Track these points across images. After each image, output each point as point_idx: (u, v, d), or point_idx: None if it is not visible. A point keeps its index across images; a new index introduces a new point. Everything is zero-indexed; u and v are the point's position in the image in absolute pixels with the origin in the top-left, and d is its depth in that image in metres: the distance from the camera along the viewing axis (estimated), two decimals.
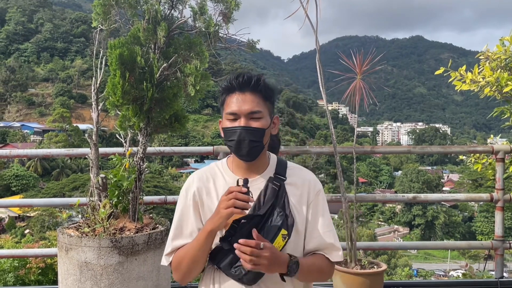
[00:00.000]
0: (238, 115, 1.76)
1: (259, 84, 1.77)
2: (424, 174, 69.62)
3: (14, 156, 4.34)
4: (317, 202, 1.85)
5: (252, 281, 1.73)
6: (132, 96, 3.68)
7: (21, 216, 44.76)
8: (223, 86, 1.82)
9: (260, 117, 1.76)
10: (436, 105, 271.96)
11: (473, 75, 3.91)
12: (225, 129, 1.79)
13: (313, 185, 1.86)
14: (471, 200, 5.12)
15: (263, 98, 1.79)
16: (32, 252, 5.30)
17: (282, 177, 1.82)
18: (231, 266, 1.74)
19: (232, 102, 1.77)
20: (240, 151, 1.76)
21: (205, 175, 1.89)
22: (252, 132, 1.74)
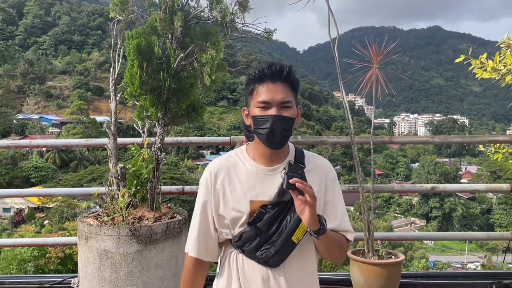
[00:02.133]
0: (270, 104, 1.79)
1: (291, 75, 1.82)
2: (442, 166, 68.91)
3: (35, 146, 4.41)
4: (334, 187, 1.91)
5: (277, 263, 1.80)
6: (150, 86, 3.70)
7: (40, 207, 45.45)
8: (254, 74, 1.84)
9: (290, 107, 1.81)
10: (454, 96, 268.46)
11: (494, 63, 3.85)
12: (256, 117, 1.81)
13: (330, 172, 1.93)
14: (491, 191, 5.07)
15: (292, 89, 1.83)
16: (52, 240, 5.39)
17: (301, 165, 1.85)
18: (256, 250, 1.81)
19: (264, 91, 1.80)
20: (272, 139, 1.79)
21: (224, 162, 1.92)
22: (284, 121, 1.78)
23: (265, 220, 1.79)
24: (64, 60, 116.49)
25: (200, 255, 1.94)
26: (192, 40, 3.82)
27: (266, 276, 1.81)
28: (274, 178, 1.84)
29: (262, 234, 1.80)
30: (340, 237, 1.89)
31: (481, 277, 4.62)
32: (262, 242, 1.80)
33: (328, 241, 1.80)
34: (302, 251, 1.85)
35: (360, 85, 4.42)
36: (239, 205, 1.83)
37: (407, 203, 64.75)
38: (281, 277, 1.81)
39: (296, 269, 1.84)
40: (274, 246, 1.79)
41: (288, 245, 1.79)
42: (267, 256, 1.79)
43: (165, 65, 3.71)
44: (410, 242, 37.45)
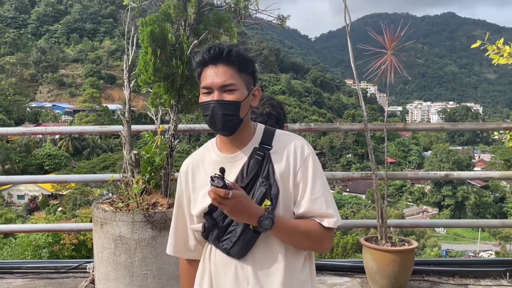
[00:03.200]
0: (211, 88, 1.71)
1: (231, 55, 1.71)
2: (455, 154, 68.33)
3: (50, 133, 4.45)
4: (306, 167, 1.74)
5: (239, 254, 1.71)
6: (164, 73, 3.71)
7: (54, 194, 45.98)
8: (197, 60, 1.77)
9: (234, 89, 1.71)
10: (468, 83, 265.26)
11: (511, 48, 3.79)
12: (200, 104, 1.76)
13: (300, 151, 1.76)
14: (506, 178, 5.03)
15: (238, 70, 1.72)
16: (67, 226, 5.47)
17: (267, 146, 1.77)
18: (218, 241, 1.74)
19: (206, 76, 1.72)
20: (215, 125, 1.73)
21: (196, 158, 1.89)
22: (225, 106, 1.70)
23: (219, 209, 1.69)
24: (76, 48, 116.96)
25: (178, 253, 1.93)
26: (205, 26, 3.81)
27: (235, 268, 1.73)
28: (236, 165, 1.76)
29: (219, 224, 1.72)
30: (310, 225, 1.72)
31: (494, 264, 4.61)
32: (221, 232, 1.72)
33: (284, 233, 1.68)
34: (269, 241, 1.72)
35: (373, 72, 4.39)
36: (203, 198, 1.78)
37: (420, 192, 64.39)
38: (249, 267, 1.72)
39: (264, 259, 1.73)
40: (233, 237, 1.70)
41: (246, 234, 1.68)
42: (227, 247, 1.71)
43: (178, 52, 3.71)
44: (422, 231, 37.33)
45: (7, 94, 79.44)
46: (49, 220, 13.22)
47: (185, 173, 1.88)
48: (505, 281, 4.24)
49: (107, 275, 3.64)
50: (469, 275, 4.37)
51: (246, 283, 1.72)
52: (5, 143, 55.62)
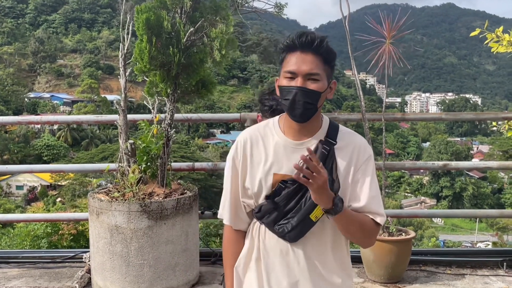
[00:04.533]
0: (296, 74, 1.73)
1: (322, 46, 1.74)
2: (453, 145, 68.36)
3: (45, 122, 4.42)
4: (366, 168, 1.81)
5: (294, 239, 1.77)
6: (159, 61, 3.67)
7: (53, 185, 45.96)
8: (285, 43, 1.79)
9: (318, 80, 1.74)
10: (467, 74, 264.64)
11: (510, 37, 3.76)
12: (281, 87, 1.77)
13: (363, 151, 1.82)
14: (505, 168, 5.02)
15: (323, 61, 1.75)
16: (65, 216, 5.45)
17: (332, 141, 1.80)
18: (274, 224, 1.79)
19: (292, 61, 1.74)
20: (294, 111, 1.74)
21: (256, 132, 1.88)
22: (307, 94, 1.72)
23: (283, 195, 1.77)
24: (74, 39, 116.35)
25: (232, 222, 1.93)
26: (201, 14, 3.77)
27: (286, 249, 1.80)
28: (300, 153, 1.74)
29: (280, 209, 1.78)
30: (365, 218, 1.79)
31: (491, 254, 4.61)
32: (279, 217, 1.78)
33: (346, 221, 1.73)
34: (323, 229, 1.79)
35: (372, 62, 4.35)
36: (263, 177, 1.80)
37: (418, 183, 64.49)
38: (300, 251, 1.79)
39: (316, 245, 1.80)
40: (291, 223, 1.76)
41: (305, 223, 1.75)
42: (283, 231, 1.77)
43: (174, 40, 3.67)
44: (420, 222, 37.45)
45: (5, 84, 79.20)
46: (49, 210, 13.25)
47: (243, 144, 1.88)
48: (502, 271, 4.24)
49: (103, 264, 3.63)
50: (466, 265, 4.37)
51: (297, 265, 1.79)
52: (4, 133, 55.51)
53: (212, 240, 11.50)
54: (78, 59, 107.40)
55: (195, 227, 3.87)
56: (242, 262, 1.89)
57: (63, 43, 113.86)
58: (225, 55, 3.79)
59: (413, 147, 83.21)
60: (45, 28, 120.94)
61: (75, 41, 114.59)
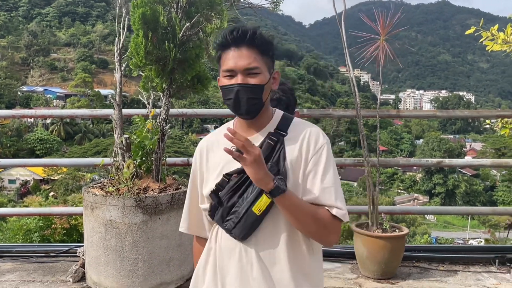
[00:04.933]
0: (234, 71, 1.68)
1: (255, 37, 1.67)
2: (446, 143, 68.66)
3: (39, 116, 4.40)
4: (319, 157, 1.71)
5: (240, 235, 1.69)
6: (155, 56, 3.66)
7: (46, 179, 45.80)
8: (217, 42, 1.74)
9: (258, 73, 1.68)
10: (461, 72, 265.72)
11: (505, 35, 3.78)
12: (222, 87, 1.72)
13: (314, 140, 1.73)
14: (497, 166, 5.05)
15: (260, 53, 1.70)
16: (58, 210, 5.44)
17: (282, 132, 1.74)
18: (222, 220, 1.73)
19: (228, 59, 1.69)
20: (239, 109, 1.70)
21: (213, 138, 1.88)
22: (250, 89, 1.67)
23: (226, 189, 1.70)
24: (68, 32, 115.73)
25: (191, 230, 1.92)
26: (197, 9, 3.76)
27: (239, 251, 1.71)
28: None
29: (224, 204, 1.71)
30: (320, 210, 1.67)
31: (484, 251, 4.65)
32: (225, 212, 1.71)
33: (293, 208, 1.62)
34: (275, 227, 1.69)
35: (366, 57, 4.36)
36: (216, 179, 1.76)
37: (411, 180, 64.79)
38: (253, 251, 1.69)
39: (269, 244, 1.70)
40: (235, 217, 1.68)
41: (249, 216, 1.65)
42: (230, 227, 1.69)
43: (170, 35, 3.66)
44: (412, 218, 37.62)
45: None
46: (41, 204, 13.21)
47: (200, 153, 1.87)
48: (494, 267, 4.27)
49: (97, 259, 3.63)
50: (458, 261, 4.40)
51: (250, 267, 1.69)
52: None
53: None
54: (72, 53, 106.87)
55: None
56: (201, 266, 1.84)
57: (57, 37, 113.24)
58: None
59: (407, 144, 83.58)
60: (39, 21, 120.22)
61: (68, 35, 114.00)
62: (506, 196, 53.43)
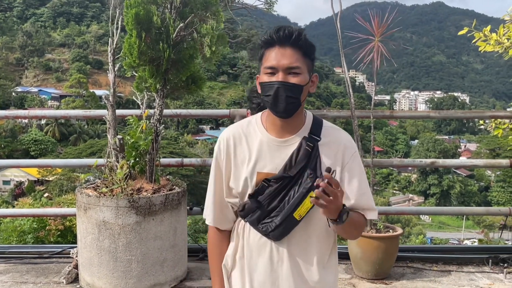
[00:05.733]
0: (276, 69, 1.71)
1: (300, 39, 1.71)
2: (441, 143, 68.86)
3: (33, 116, 4.38)
4: (353, 164, 1.80)
5: (278, 237, 1.76)
6: (149, 56, 3.66)
7: (40, 180, 45.59)
8: (262, 39, 1.76)
9: (299, 73, 1.71)
10: (456, 73, 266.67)
11: (497, 36, 3.80)
12: (262, 83, 1.75)
13: (349, 147, 1.81)
14: (490, 166, 5.07)
15: (303, 54, 1.73)
16: (51, 211, 5.41)
17: (316, 138, 1.78)
18: (258, 222, 1.78)
19: (271, 56, 1.72)
20: (277, 107, 1.72)
21: (239, 130, 1.86)
22: (289, 88, 1.70)
23: (266, 194, 1.75)
24: (63, 33, 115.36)
25: (216, 223, 1.92)
26: (191, 10, 3.76)
27: (270, 248, 1.78)
28: (284, 150, 1.77)
29: (263, 208, 1.76)
30: (360, 216, 1.81)
31: (478, 251, 4.66)
32: (263, 215, 1.76)
33: (348, 225, 1.71)
34: (307, 227, 1.78)
35: (361, 58, 4.37)
36: (248, 176, 1.79)
37: (406, 180, 64.95)
38: (284, 250, 1.77)
39: (300, 245, 1.79)
40: (275, 221, 1.74)
41: (289, 221, 1.73)
42: (267, 230, 1.75)
43: (164, 35, 3.65)
44: (407, 219, 37.75)
45: None
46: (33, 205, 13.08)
47: (226, 143, 1.85)
48: (487, 267, 4.29)
49: (90, 260, 3.62)
50: (452, 261, 4.41)
51: (281, 264, 1.78)
52: None
53: (200, 236, 11.50)
54: (67, 54, 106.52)
55: (183, 223, 3.86)
56: (230, 260, 1.89)
57: (52, 37, 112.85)
58: (215, 51, 3.79)
59: (402, 145, 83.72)
60: (33, 21, 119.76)
61: (63, 35, 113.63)
62: (500, 196, 53.62)
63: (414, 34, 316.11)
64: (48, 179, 42.62)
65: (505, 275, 4.10)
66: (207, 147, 56.80)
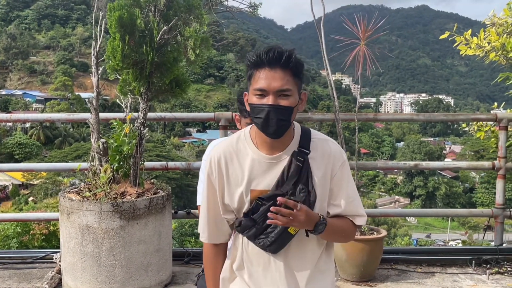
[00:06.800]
0: (267, 91, 1.70)
1: (291, 61, 1.70)
2: (427, 145, 69.43)
3: (15, 120, 4.33)
4: (342, 173, 1.84)
5: (275, 251, 1.81)
6: (132, 60, 3.64)
7: (25, 184, 45.06)
8: (251, 60, 1.74)
9: (289, 95, 1.71)
10: (440, 76, 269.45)
11: (478, 40, 3.84)
12: (252, 105, 1.74)
13: (338, 157, 1.84)
14: (473, 168, 5.13)
15: (293, 75, 1.72)
16: (34, 216, 5.36)
17: (306, 151, 1.80)
18: (254, 238, 1.81)
19: (261, 78, 1.70)
20: (267, 129, 1.72)
21: (230, 148, 1.85)
22: (280, 111, 1.70)
23: (261, 212, 1.77)
24: (47, 35, 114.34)
25: (211, 239, 1.94)
26: (175, 13, 3.75)
27: (267, 260, 1.83)
28: (275, 167, 1.79)
29: (259, 225, 1.78)
30: (345, 223, 1.86)
31: (461, 253, 4.70)
32: (258, 232, 1.79)
33: (329, 233, 1.79)
34: (303, 239, 1.82)
35: (347, 63, 4.39)
36: (242, 194, 1.80)
37: (392, 182, 65.34)
38: (281, 262, 1.82)
39: (296, 255, 1.84)
40: (270, 237, 1.77)
41: (284, 236, 1.77)
42: (264, 245, 1.79)
43: (148, 38, 3.64)
44: (393, 220, 37.95)
45: None
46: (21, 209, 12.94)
47: (217, 163, 1.85)
48: (470, 269, 4.33)
49: (73, 265, 3.58)
50: (436, 263, 4.44)
51: (278, 274, 1.83)
52: None
53: (187, 240, 11.44)
54: (52, 56, 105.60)
55: (168, 226, 3.84)
56: (228, 272, 1.92)
57: (36, 40, 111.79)
58: (200, 54, 3.78)
59: (388, 147, 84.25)
60: (18, 24, 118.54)
61: (48, 38, 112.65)
62: (484, 197, 54.14)
63: (399, 37, 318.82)
64: (33, 183, 42.14)
65: (487, 276, 4.15)
66: (194, 150, 56.67)
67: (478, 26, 4.25)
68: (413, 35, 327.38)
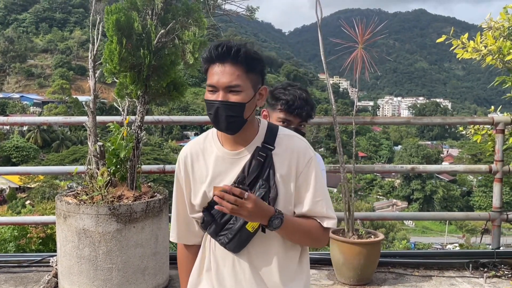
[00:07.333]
0: (216, 87, 1.68)
1: (239, 55, 1.65)
2: (424, 149, 69.57)
3: (12, 123, 4.32)
4: (308, 171, 1.77)
5: (235, 249, 1.76)
6: (130, 63, 3.64)
7: (22, 188, 44.96)
8: (203, 55, 1.74)
9: (240, 91, 1.67)
10: (438, 79, 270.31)
11: (475, 44, 3.86)
12: (205, 101, 1.74)
13: (303, 155, 1.77)
14: (470, 172, 5.14)
15: (245, 70, 1.68)
16: (31, 219, 5.34)
17: (270, 147, 1.76)
18: (216, 235, 1.77)
19: (212, 74, 1.69)
20: (219, 125, 1.72)
21: (196, 146, 1.86)
22: (230, 107, 1.67)
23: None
24: (45, 38, 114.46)
25: (180, 239, 1.94)
26: (173, 16, 3.75)
27: (232, 260, 1.78)
28: (238, 162, 1.76)
29: (217, 221, 1.76)
30: (311, 224, 1.78)
31: (458, 256, 4.70)
32: (218, 228, 1.76)
33: (287, 231, 1.73)
34: (265, 238, 1.76)
35: (346, 66, 4.40)
36: (206, 191, 1.78)
37: (389, 185, 65.38)
38: (245, 261, 1.77)
39: (260, 255, 1.78)
40: (229, 234, 1.73)
41: (242, 233, 1.72)
42: (224, 243, 1.75)
43: (145, 42, 3.64)
44: (391, 224, 37.93)
45: None
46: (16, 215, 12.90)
47: (183, 161, 1.86)
48: (468, 272, 4.33)
49: (70, 268, 3.57)
50: (433, 266, 4.44)
51: (243, 275, 1.77)
52: None
53: None
54: (49, 59, 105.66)
55: (165, 230, 3.83)
56: (196, 273, 1.89)
57: (34, 43, 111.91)
58: (198, 58, 3.78)
59: (385, 150, 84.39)
60: (15, 27, 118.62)
61: (46, 41, 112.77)
62: (482, 201, 54.26)
63: (397, 41, 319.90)
64: (30, 186, 42.07)
65: (485, 279, 4.15)
66: None
67: (475, 30, 4.26)
68: (410, 38, 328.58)
